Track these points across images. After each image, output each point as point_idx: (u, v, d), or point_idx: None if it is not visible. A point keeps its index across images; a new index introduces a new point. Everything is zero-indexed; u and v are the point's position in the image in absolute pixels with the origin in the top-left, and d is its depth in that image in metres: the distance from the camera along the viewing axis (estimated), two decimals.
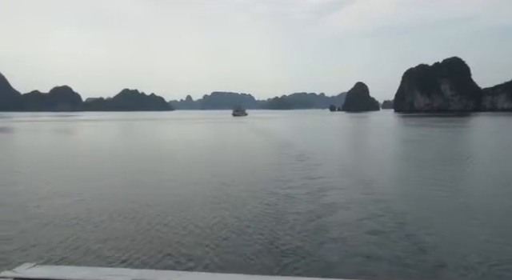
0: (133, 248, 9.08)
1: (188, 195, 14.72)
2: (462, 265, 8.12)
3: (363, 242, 9.46)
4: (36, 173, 20.82)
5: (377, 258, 8.48)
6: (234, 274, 4.02)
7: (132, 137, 53.51)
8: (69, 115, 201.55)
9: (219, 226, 10.77)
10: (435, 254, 8.70)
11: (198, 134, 58.65)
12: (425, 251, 8.84)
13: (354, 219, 11.47)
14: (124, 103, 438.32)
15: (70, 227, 10.76)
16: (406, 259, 8.39)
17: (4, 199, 14.37)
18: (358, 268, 7.99)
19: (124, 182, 17.70)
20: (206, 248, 9.14)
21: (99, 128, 77.13)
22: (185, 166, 23.29)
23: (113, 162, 25.15)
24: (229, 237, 9.95)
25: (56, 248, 9.07)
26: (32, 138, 52.26)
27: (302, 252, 8.85)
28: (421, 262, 8.20)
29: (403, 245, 9.27)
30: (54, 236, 9.99)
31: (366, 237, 9.91)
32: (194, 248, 9.14)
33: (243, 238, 9.88)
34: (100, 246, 9.26)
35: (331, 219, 11.47)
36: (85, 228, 10.69)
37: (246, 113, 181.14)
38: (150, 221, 11.36)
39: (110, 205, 13.23)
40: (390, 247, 9.12)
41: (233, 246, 9.25)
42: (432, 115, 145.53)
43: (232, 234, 10.13)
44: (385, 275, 7.43)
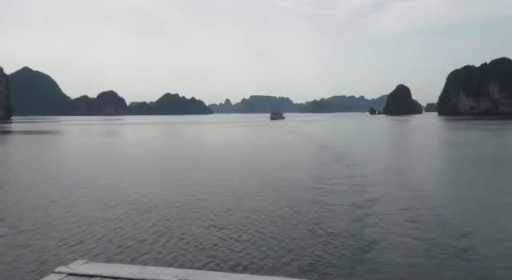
0: (181, 248, 9.05)
1: (240, 194, 15.25)
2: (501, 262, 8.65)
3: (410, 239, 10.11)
4: (97, 171, 22.85)
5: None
6: (279, 276, 4.72)
7: (177, 138, 55.90)
8: (114, 119, 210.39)
9: (271, 224, 11.02)
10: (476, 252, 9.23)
11: (238, 135, 60.16)
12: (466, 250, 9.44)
13: (395, 212, 12.17)
14: (165, 107, 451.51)
15: (123, 224, 10.95)
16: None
17: (65, 198, 16.13)
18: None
19: (177, 181, 19.08)
20: (256, 249, 8.94)
21: (147, 130, 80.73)
22: (233, 165, 24.57)
23: (165, 162, 26.91)
24: (280, 236, 9.87)
25: (108, 245, 9.24)
26: (88, 139, 55.94)
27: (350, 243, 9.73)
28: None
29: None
30: (108, 233, 10.18)
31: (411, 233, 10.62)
32: (243, 248, 9.00)
33: (294, 235, 9.81)
34: (149, 244, 9.29)
35: (373, 212, 12.25)
36: (136, 225, 10.85)
37: (284, 116, 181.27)
38: (201, 220, 11.38)
39: (163, 204, 13.46)
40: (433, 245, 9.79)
41: (284, 247, 9.06)
42: (479, 118, 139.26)
43: (283, 233, 10.10)
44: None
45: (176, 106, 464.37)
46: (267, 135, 60.87)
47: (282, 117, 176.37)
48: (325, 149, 33.67)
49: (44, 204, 13.60)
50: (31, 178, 19.67)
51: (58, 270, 4.37)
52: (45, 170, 22.91)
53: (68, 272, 4.30)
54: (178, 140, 52.59)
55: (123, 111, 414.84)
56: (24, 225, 10.99)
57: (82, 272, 4.29)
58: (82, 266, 4.48)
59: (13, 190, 16.67)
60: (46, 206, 13.35)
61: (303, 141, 46.49)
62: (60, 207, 13.14)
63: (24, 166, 24.67)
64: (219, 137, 58.17)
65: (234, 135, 62.18)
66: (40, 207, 13.14)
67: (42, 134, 66.70)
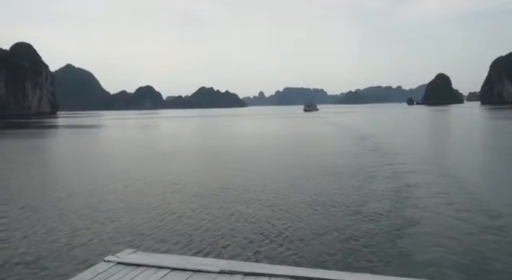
0: (224, 239, 9.03)
1: (285, 182, 15.62)
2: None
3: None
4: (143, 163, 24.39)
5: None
6: (319, 269, 4.54)
7: (217, 130, 57.44)
8: (152, 113, 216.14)
9: (320, 208, 11.45)
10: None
11: (274, 127, 60.90)
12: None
13: (434, 197, 12.65)
14: (200, 101, 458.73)
15: (169, 214, 11.06)
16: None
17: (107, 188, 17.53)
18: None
19: (219, 170, 20.19)
20: (300, 240, 8.83)
21: (187, 123, 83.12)
22: (275, 154, 25.48)
23: (210, 152, 28.19)
24: (323, 229, 9.62)
25: (155, 235, 9.34)
26: (132, 132, 58.69)
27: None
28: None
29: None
30: (156, 223, 10.31)
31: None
32: (285, 238, 8.94)
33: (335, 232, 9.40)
34: (193, 234, 9.35)
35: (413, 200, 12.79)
36: (182, 216, 10.91)
37: (318, 108, 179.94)
38: (248, 208, 11.55)
39: (209, 193, 13.62)
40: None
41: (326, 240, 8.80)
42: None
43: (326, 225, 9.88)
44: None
45: (210, 99, 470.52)
46: (303, 126, 61.28)
47: (316, 108, 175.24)
48: (362, 139, 33.86)
49: (97, 193, 14.16)
50: (88, 169, 21.40)
51: (108, 259, 4.60)
52: (97, 162, 24.72)
53: (117, 261, 4.52)
54: (218, 132, 54.06)
55: (160, 105, 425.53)
56: (80, 213, 11.39)
57: (129, 261, 4.50)
58: (129, 255, 4.71)
59: (71, 181, 18.33)
60: (99, 195, 13.86)
61: (339, 131, 46.66)
62: (111, 196, 13.59)
63: (80, 157, 26.68)
64: (257, 128, 59.21)
65: (271, 127, 63.01)
66: (93, 196, 13.68)
67: (87, 128, 70.41)
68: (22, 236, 9.45)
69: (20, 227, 10.17)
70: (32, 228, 10.09)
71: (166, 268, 4.29)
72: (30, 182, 17.18)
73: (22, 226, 10.24)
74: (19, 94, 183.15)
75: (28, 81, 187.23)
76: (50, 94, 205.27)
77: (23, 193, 14.57)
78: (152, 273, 4.20)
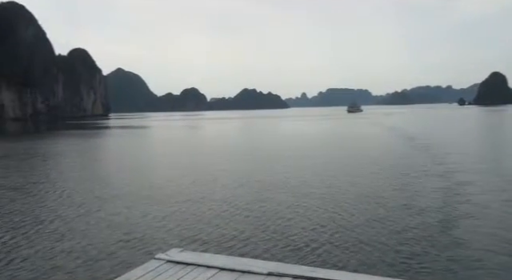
0: (274, 240, 8.78)
1: (337, 181, 15.81)
2: None
3: None
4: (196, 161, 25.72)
5: None
6: (370, 275, 4.44)
7: (262, 131, 58.50)
8: (197, 114, 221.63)
9: (373, 206, 11.57)
10: None
11: (319, 128, 60.96)
12: None
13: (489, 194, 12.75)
14: (243, 102, 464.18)
15: (221, 215, 10.88)
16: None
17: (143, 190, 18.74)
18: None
19: (272, 169, 20.96)
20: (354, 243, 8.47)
21: (230, 124, 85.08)
22: (322, 154, 25.92)
23: (258, 152, 29.14)
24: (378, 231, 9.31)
25: (204, 234, 9.28)
26: (180, 132, 61.19)
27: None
28: None
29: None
30: (207, 222, 10.22)
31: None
32: (337, 242, 8.58)
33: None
34: (244, 235, 9.15)
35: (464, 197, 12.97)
36: (230, 216, 10.76)
37: (362, 109, 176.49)
38: (298, 208, 11.35)
39: (260, 193, 13.44)
40: None
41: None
42: None
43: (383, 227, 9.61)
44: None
45: (253, 100, 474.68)
46: (347, 127, 60.90)
47: (360, 109, 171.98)
48: (410, 139, 33.44)
49: (148, 191, 14.48)
50: (143, 166, 23.01)
51: (158, 257, 4.69)
52: (153, 160, 26.40)
53: (167, 259, 4.62)
54: (264, 133, 55.07)
55: (204, 107, 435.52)
56: (133, 210, 11.57)
57: (178, 260, 4.59)
58: (178, 253, 4.81)
59: (125, 177, 19.88)
60: (150, 193, 14.12)
61: (386, 132, 46.09)
62: (161, 194, 13.91)
63: (136, 155, 28.57)
64: (301, 129, 59.58)
65: (315, 128, 63.12)
66: (145, 193, 14.11)
67: (139, 129, 74.06)
68: (81, 228, 10.24)
69: (77, 220, 11.39)
70: (92, 221, 11.35)
71: (214, 268, 4.33)
72: (93, 177, 18.91)
73: (79, 219, 11.40)
74: (76, 97, 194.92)
75: (83, 84, 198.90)
76: (102, 97, 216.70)
77: (85, 188, 16.15)
78: (200, 272, 4.26)
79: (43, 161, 25.57)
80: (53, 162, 24.80)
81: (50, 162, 25.25)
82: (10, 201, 13.20)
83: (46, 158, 26.92)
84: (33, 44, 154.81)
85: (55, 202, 13.07)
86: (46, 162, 24.83)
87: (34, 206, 12.38)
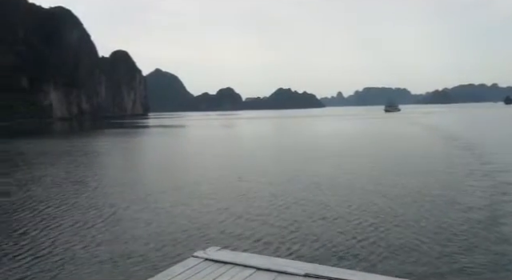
0: (312, 241, 8.66)
1: (381, 179, 15.82)
2: None
3: None
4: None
5: None
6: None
7: (301, 130, 58.73)
8: (232, 114, 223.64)
9: (418, 206, 11.41)
10: None
11: (357, 127, 60.36)
12: None
13: None
14: (278, 102, 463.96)
15: (262, 214, 10.83)
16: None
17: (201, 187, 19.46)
18: None
19: (315, 168, 21.33)
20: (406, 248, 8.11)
21: (267, 124, 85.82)
22: (364, 153, 26.01)
23: (294, 151, 29.55)
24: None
25: (243, 233, 9.24)
26: (217, 131, 62.58)
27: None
28: None
29: None
30: (247, 221, 10.18)
31: None
32: (384, 245, 8.27)
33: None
34: (283, 235, 9.06)
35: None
36: (275, 216, 10.65)
37: (399, 108, 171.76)
38: (338, 208, 11.17)
39: (304, 193, 13.34)
40: None
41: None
42: None
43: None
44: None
45: (288, 100, 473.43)
46: (386, 127, 59.91)
47: (398, 109, 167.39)
48: (452, 139, 32.68)
49: (187, 189, 14.93)
50: (186, 164, 24.01)
51: (196, 255, 4.75)
52: (193, 158, 27.42)
53: (205, 257, 4.67)
54: (301, 132, 55.29)
55: (239, 106, 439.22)
56: (175, 207, 11.81)
57: (216, 258, 4.63)
58: (216, 252, 4.86)
59: (167, 175, 20.85)
60: (188, 191, 14.50)
61: (427, 132, 45.06)
62: (199, 193, 14.32)
63: (176, 154, 29.73)
64: (340, 128, 59.20)
65: (353, 127, 62.55)
66: (186, 191, 14.64)
67: (178, 128, 76.30)
68: (144, 218, 11.50)
69: (138, 211, 12.35)
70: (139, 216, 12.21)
71: (251, 267, 4.35)
72: (143, 172, 20.04)
73: (139, 210, 12.40)
74: (117, 97, 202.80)
75: (124, 85, 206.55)
76: (142, 97, 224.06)
77: (137, 182, 17.20)
78: (238, 271, 4.30)
79: (96, 157, 27.29)
80: (104, 159, 26.43)
81: (101, 158, 26.91)
82: (75, 194, 14.41)
83: (97, 155, 28.67)
84: (78, 47, 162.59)
85: (113, 195, 14.16)
86: (99, 159, 26.49)
87: (96, 199, 13.51)
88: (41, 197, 13.63)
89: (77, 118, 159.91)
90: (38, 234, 9.50)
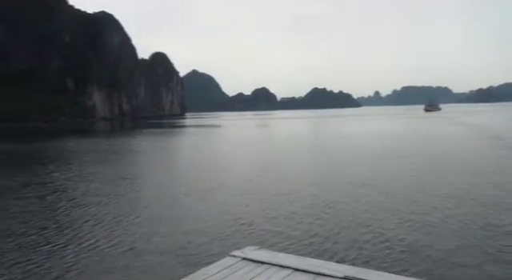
0: (354, 244, 8.44)
1: (429, 179, 15.73)
2: None
3: None
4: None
5: None
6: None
7: (339, 130, 58.27)
8: (268, 114, 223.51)
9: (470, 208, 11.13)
10: None
11: (393, 127, 59.04)
12: None
13: None
14: (313, 101, 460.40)
15: (299, 214, 10.68)
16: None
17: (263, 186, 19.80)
18: None
19: (357, 168, 21.29)
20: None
21: (303, 123, 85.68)
22: (407, 153, 25.59)
23: (333, 151, 29.47)
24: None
25: (280, 233, 9.23)
26: (254, 131, 63.24)
27: None
28: None
29: None
30: (284, 221, 10.18)
31: None
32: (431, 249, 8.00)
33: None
34: (322, 236, 8.95)
35: None
36: (317, 214, 10.64)
37: (440, 108, 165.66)
38: (382, 210, 10.89)
39: (352, 193, 13.33)
40: None
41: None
42: None
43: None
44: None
45: (323, 100, 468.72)
46: (426, 126, 58.24)
47: (438, 108, 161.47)
48: (498, 138, 31.46)
49: (231, 187, 15.28)
50: (227, 163, 24.59)
51: (234, 254, 4.75)
52: (231, 158, 27.99)
53: (242, 256, 4.66)
54: (340, 132, 54.87)
55: (274, 106, 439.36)
56: (212, 207, 11.91)
57: (253, 258, 4.61)
58: (253, 251, 4.82)
59: (215, 172, 21.42)
60: (232, 189, 14.83)
61: (470, 132, 43.43)
62: (243, 191, 14.61)
63: (215, 153, 30.45)
64: (379, 128, 58.19)
65: (391, 127, 61.23)
66: (230, 189, 14.93)
67: (216, 128, 77.72)
68: (193, 213, 12.02)
69: (187, 206, 12.91)
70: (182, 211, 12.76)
71: (288, 268, 4.31)
72: (187, 170, 20.79)
73: (188, 205, 12.96)
74: (155, 98, 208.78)
75: (162, 86, 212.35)
76: (179, 98, 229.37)
77: (182, 179, 17.89)
78: (275, 271, 4.27)
79: (139, 155, 28.53)
80: (147, 157, 27.58)
81: (144, 156, 28.12)
82: (128, 190, 15.30)
83: (140, 154, 29.95)
84: (119, 49, 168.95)
85: (161, 191, 14.92)
86: (142, 157, 27.70)
87: (147, 195, 14.30)
88: (98, 191, 14.59)
89: (118, 118, 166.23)
90: (102, 225, 10.27)
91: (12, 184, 16.41)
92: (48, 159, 25.79)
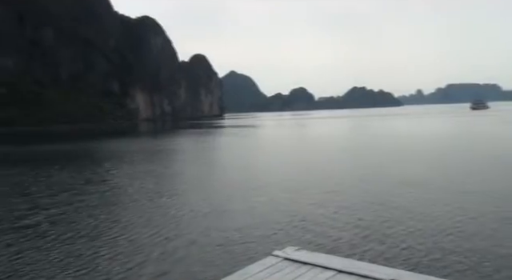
0: (401, 247, 8.12)
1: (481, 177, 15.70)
2: None
3: None
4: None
5: None
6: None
7: (377, 130, 57.15)
8: (306, 113, 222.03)
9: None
10: None
11: (439, 127, 57.12)
12: None
13: None
14: (352, 101, 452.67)
15: (343, 215, 10.50)
16: None
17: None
18: None
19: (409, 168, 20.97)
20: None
21: (343, 123, 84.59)
22: (457, 152, 24.89)
23: (378, 151, 29.09)
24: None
25: (323, 234, 9.12)
26: (293, 131, 63.29)
27: None
28: None
29: None
30: (325, 222, 10.05)
31: None
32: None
33: None
34: (366, 238, 8.74)
35: None
36: (360, 218, 10.24)
37: (488, 106, 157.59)
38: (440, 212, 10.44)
39: (393, 195, 13.15)
40: None
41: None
42: None
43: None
44: None
45: (363, 99, 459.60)
46: (474, 126, 55.81)
47: (486, 106, 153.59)
48: None
49: (277, 186, 15.71)
50: (270, 162, 24.94)
51: (275, 254, 4.70)
52: (277, 156, 28.29)
53: (284, 256, 4.60)
54: (382, 132, 53.84)
55: (312, 106, 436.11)
56: (258, 206, 12.21)
57: (295, 258, 4.54)
58: (294, 252, 4.77)
59: (259, 170, 21.79)
60: (279, 188, 15.19)
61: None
62: (290, 189, 15.20)
63: (257, 152, 30.88)
64: (423, 128, 56.57)
65: (437, 126, 59.29)
66: (276, 187, 15.44)
67: (255, 128, 78.33)
68: (242, 208, 12.44)
69: (239, 202, 13.35)
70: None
71: (331, 269, 4.21)
72: (233, 168, 21.34)
73: (241, 201, 13.39)
74: (195, 99, 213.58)
75: (202, 87, 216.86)
76: (218, 99, 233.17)
77: (231, 177, 18.40)
78: (318, 272, 4.19)
79: (184, 155, 29.55)
80: (191, 156, 28.50)
81: (188, 156, 29.08)
82: (178, 187, 16.06)
83: (184, 153, 31.00)
84: (161, 53, 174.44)
85: (209, 189, 15.51)
86: (187, 156, 28.67)
87: (200, 191, 14.95)
88: (155, 189, 15.42)
89: (159, 119, 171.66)
90: (166, 219, 10.95)
91: (77, 182, 17.66)
92: (103, 158, 27.37)
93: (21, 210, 12.44)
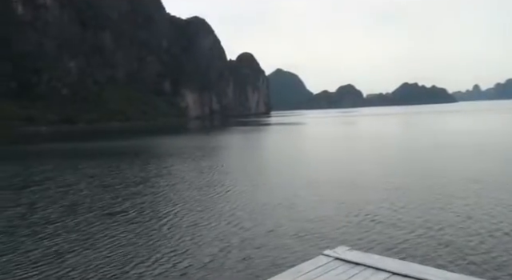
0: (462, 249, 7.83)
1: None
2: None
3: None
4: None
5: None
6: None
7: (433, 129, 55.15)
8: (354, 111, 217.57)
9: None
10: None
11: (499, 125, 54.07)
12: None
13: None
14: (403, 97, 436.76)
15: (400, 215, 10.20)
16: None
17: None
18: None
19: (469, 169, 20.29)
20: None
21: (393, 121, 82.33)
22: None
23: (436, 151, 28.30)
24: None
25: (376, 234, 8.97)
26: (342, 129, 62.60)
27: None
28: None
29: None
30: (381, 221, 9.77)
31: None
32: None
33: None
34: (419, 240, 8.48)
35: None
36: (416, 218, 9.95)
37: None
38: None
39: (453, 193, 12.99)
40: None
41: None
42: None
43: None
44: None
45: (414, 95, 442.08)
46: None
47: None
48: None
49: (333, 183, 16.18)
50: (325, 159, 25.04)
51: (327, 254, 4.65)
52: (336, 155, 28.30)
53: (335, 256, 4.55)
54: (438, 130, 52.01)
55: (360, 103, 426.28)
56: (308, 206, 12.39)
57: (347, 258, 4.48)
58: (346, 252, 4.71)
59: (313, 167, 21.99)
60: (336, 184, 15.69)
61: None
62: (350, 186, 15.58)
63: (308, 150, 30.98)
64: (484, 126, 53.89)
65: (498, 124, 56.14)
66: (332, 184, 15.77)
67: (301, 125, 78.15)
68: (298, 202, 12.80)
69: (291, 195, 13.70)
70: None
71: (385, 271, 4.11)
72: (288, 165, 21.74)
73: (293, 195, 13.74)
74: (242, 97, 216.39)
75: (249, 85, 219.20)
76: (265, 96, 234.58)
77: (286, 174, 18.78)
78: (370, 273, 4.11)
79: (244, 151, 30.40)
80: (250, 152, 29.26)
81: (247, 152, 29.88)
82: (245, 181, 16.73)
83: (242, 149, 31.85)
84: (210, 52, 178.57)
85: (278, 182, 16.04)
86: (245, 152, 29.49)
87: (265, 185, 15.53)
88: (222, 182, 16.16)
89: (208, 116, 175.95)
90: (240, 209, 11.63)
91: (148, 175, 18.94)
92: (165, 154, 28.87)
93: (105, 199, 13.67)
